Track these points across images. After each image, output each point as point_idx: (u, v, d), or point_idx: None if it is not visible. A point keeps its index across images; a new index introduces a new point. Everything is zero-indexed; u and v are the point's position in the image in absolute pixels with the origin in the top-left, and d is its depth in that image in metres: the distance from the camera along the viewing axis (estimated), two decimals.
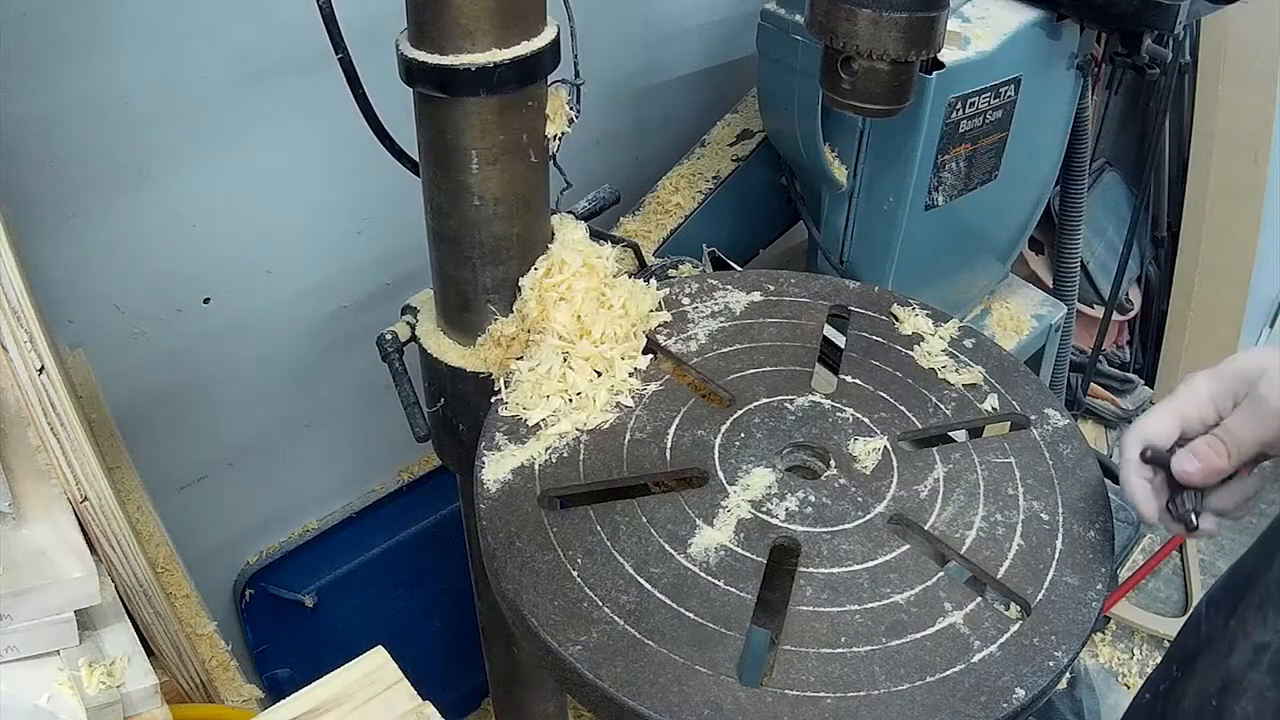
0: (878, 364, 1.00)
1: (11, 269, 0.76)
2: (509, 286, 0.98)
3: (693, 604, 0.76)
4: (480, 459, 0.88)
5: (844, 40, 0.79)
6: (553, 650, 0.73)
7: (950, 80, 1.30)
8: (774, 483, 0.86)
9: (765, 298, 1.08)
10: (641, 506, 0.84)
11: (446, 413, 1.04)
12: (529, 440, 0.90)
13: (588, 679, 0.71)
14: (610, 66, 1.62)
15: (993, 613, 0.77)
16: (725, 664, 0.72)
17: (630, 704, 0.70)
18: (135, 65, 1.14)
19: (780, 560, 0.81)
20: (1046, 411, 0.95)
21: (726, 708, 0.70)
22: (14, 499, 0.80)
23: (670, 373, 0.98)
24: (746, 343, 1.02)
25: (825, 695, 0.71)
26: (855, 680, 0.72)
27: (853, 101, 0.85)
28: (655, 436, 0.91)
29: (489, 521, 0.82)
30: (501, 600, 0.79)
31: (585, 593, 0.77)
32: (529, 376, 0.94)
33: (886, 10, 0.75)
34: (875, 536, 0.82)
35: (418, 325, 1.05)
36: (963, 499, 0.86)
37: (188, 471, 1.47)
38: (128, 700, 0.79)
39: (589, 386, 0.93)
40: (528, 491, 0.85)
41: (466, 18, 0.82)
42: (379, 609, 1.75)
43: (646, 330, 1.00)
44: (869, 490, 0.87)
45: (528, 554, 0.79)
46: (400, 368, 1.06)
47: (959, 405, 0.96)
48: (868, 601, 0.77)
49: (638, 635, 0.74)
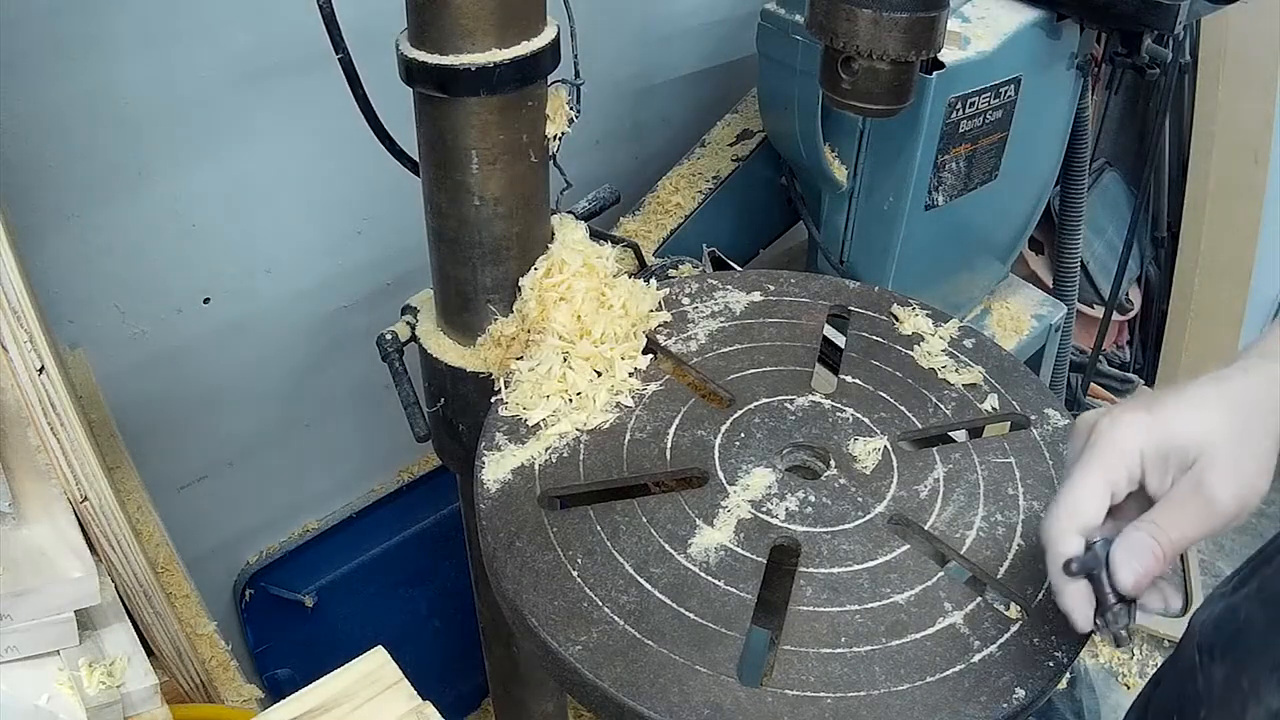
0: (878, 364, 1.00)
1: (11, 269, 0.76)
2: (509, 286, 0.98)
3: (693, 604, 0.76)
4: (480, 459, 0.88)
5: (844, 40, 0.79)
6: (553, 650, 0.73)
7: (950, 80, 1.30)
8: (774, 483, 0.87)
9: (765, 298, 1.08)
10: (641, 506, 0.84)
11: (446, 413, 1.04)
12: (529, 440, 0.90)
13: (588, 679, 0.71)
14: (610, 66, 1.62)
15: (993, 613, 0.77)
16: (725, 664, 0.72)
17: (630, 704, 0.70)
18: (135, 65, 1.14)
19: (780, 560, 0.81)
20: (1047, 411, 0.95)
21: (727, 708, 0.69)
22: (14, 499, 0.80)
23: (670, 373, 0.98)
24: (746, 343, 1.02)
25: (825, 695, 0.71)
26: (855, 680, 0.72)
27: (853, 101, 0.85)
28: (655, 436, 0.91)
29: (489, 522, 0.82)
30: (501, 600, 0.79)
31: (585, 593, 0.77)
32: (529, 376, 0.94)
33: (887, 10, 0.75)
34: (875, 536, 0.82)
35: (418, 325, 1.05)
36: (963, 499, 0.86)
37: (188, 471, 1.47)
38: (128, 700, 0.79)
39: (589, 386, 0.93)
40: (528, 491, 0.85)
41: (467, 18, 0.82)
42: (379, 609, 1.75)
43: (646, 330, 1.00)
44: (869, 490, 0.87)
45: (528, 554, 0.79)
46: (400, 368, 1.06)
47: (959, 405, 0.96)
48: (868, 601, 0.77)
49: (638, 635, 0.74)
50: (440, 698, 0.74)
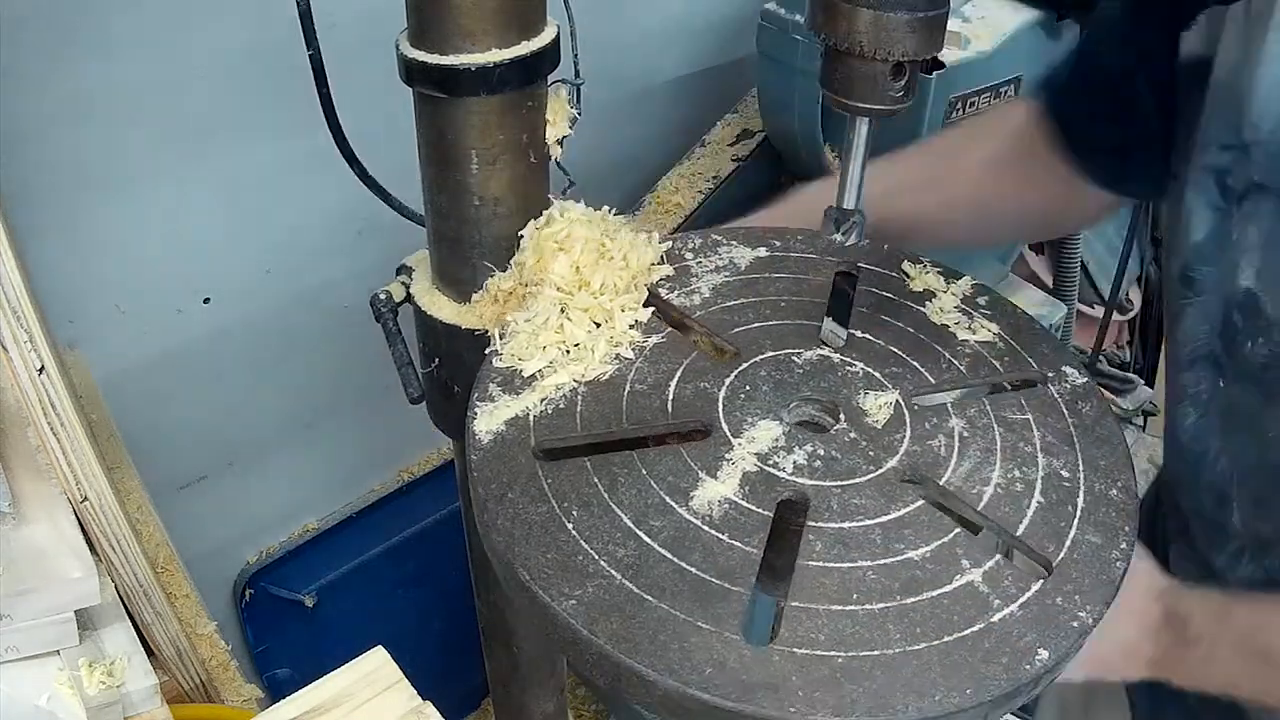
0: (888, 319, 0.96)
1: (11, 269, 0.76)
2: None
3: (695, 558, 0.73)
4: (473, 410, 0.84)
5: (845, 39, 0.78)
6: (544, 605, 0.69)
7: (950, 80, 1.30)
8: (781, 436, 0.83)
9: (771, 253, 1.04)
10: (641, 458, 0.80)
11: (441, 374, 1.01)
12: (524, 391, 0.86)
13: (581, 635, 0.68)
14: (610, 66, 1.62)
15: (1013, 571, 0.74)
16: (729, 621, 0.69)
17: (627, 662, 0.66)
18: (135, 65, 1.14)
19: (788, 517, 0.78)
20: (1064, 369, 0.92)
21: (730, 666, 0.66)
22: (14, 499, 0.80)
23: (672, 326, 0.94)
24: (752, 297, 0.98)
25: (836, 654, 0.67)
26: (868, 639, 0.68)
27: (855, 102, 0.84)
28: (656, 389, 0.87)
29: (480, 473, 0.79)
30: (492, 554, 0.76)
31: (580, 545, 0.73)
32: (525, 328, 0.91)
33: (888, 10, 0.74)
34: (888, 491, 0.79)
35: (412, 284, 1.02)
36: (979, 455, 0.83)
37: (188, 471, 1.47)
38: (128, 700, 0.79)
39: (587, 338, 0.90)
40: (522, 443, 0.82)
41: (467, 18, 0.82)
42: (379, 609, 1.75)
43: (648, 283, 0.98)
44: (880, 444, 0.83)
45: (520, 506, 0.76)
46: (394, 327, 1.02)
47: (973, 361, 0.92)
48: (881, 557, 0.74)
49: (636, 590, 0.70)
50: (440, 698, 0.74)
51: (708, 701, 0.65)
